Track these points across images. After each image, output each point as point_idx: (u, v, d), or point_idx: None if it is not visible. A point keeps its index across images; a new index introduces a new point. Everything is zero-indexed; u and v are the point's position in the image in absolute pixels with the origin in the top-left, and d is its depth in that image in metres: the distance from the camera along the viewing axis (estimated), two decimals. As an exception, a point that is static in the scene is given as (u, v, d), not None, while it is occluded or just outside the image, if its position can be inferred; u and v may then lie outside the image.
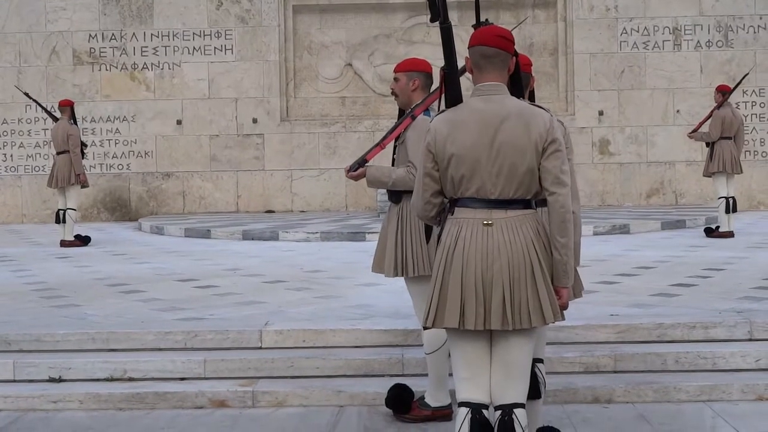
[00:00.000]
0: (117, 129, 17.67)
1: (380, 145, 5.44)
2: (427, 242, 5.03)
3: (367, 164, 5.43)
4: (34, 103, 14.53)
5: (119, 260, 11.25)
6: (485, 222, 3.82)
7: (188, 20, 17.74)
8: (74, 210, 13.05)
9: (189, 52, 17.73)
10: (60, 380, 6.29)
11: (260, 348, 6.54)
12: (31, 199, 17.56)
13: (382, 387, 5.94)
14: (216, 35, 17.79)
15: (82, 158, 13.06)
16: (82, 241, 12.98)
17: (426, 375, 5.64)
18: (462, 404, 3.88)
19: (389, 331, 6.55)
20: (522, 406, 3.86)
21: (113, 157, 17.64)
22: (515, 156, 3.79)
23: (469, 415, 3.84)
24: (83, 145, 13.15)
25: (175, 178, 17.57)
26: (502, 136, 3.79)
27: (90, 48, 17.72)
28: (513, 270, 3.77)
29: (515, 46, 3.96)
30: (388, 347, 6.41)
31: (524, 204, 3.85)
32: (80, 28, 17.71)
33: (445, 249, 3.86)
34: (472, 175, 3.82)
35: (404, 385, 5.59)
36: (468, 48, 3.97)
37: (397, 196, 5.42)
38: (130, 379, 6.29)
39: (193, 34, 17.78)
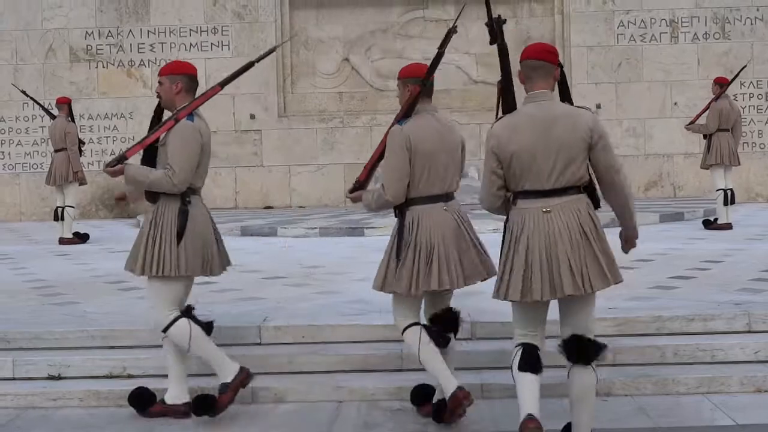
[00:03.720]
0: (115, 126, 17.67)
1: (141, 143, 5.56)
2: (178, 244, 5.37)
3: (126, 162, 5.49)
4: (32, 101, 14.51)
5: (118, 257, 11.17)
6: (544, 209, 4.53)
7: (184, 16, 17.73)
8: (72, 207, 13.04)
9: (186, 49, 17.73)
10: (59, 378, 6.30)
11: (259, 344, 6.56)
12: (29, 196, 17.55)
13: (381, 382, 5.97)
14: (212, 31, 17.78)
15: (80, 155, 13.05)
16: (81, 238, 12.97)
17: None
18: (518, 345, 4.71)
19: (388, 326, 6.53)
20: None
21: (111, 154, 17.60)
22: (565, 151, 4.51)
23: (521, 348, 4.68)
24: (81, 142, 13.13)
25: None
26: (554, 135, 4.50)
27: (87, 45, 17.71)
28: (574, 246, 4.50)
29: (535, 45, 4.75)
30: (387, 342, 6.41)
31: (574, 190, 4.56)
32: (77, 25, 17.69)
33: (511, 235, 4.58)
34: (531, 170, 4.52)
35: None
36: (519, 62, 4.67)
37: (153, 196, 5.50)
38: (130, 376, 6.30)
39: (190, 30, 17.78)
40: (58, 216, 12.95)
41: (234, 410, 5.78)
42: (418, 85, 5.17)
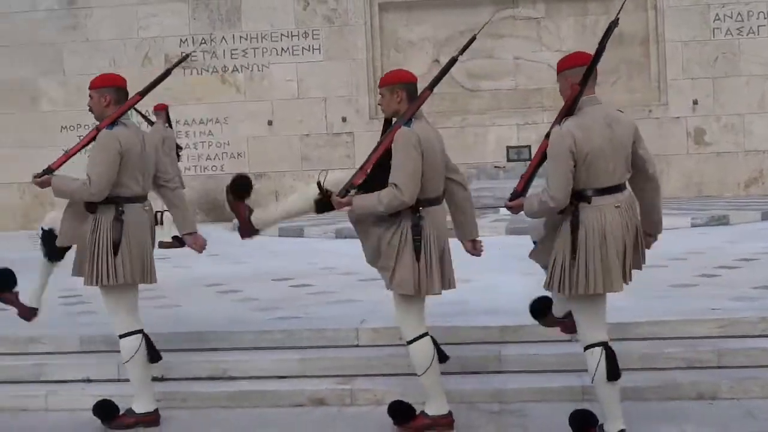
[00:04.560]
0: (210, 131, 17.96)
1: (66, 154, 5.75)
2: (115, 255, 5.50)
3: (53, 173, 5.70)
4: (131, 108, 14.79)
5: (216, 260, 11.41)
6: (616, 205, 4.82)
7: (276, 21, 17.92)
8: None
9: (277, 53, 17.92)
10: (162, 379, 6.40)
11: (357, 346, 6.58)
12: (128, 202, 17.93)
13: (479, 384, 5.92)
14: (303, 35, 17.94)
15: (178, 161, 13.29)
16: (180, 242, 13.19)
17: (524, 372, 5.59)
18: (598, 344, 4.90)
19: (486, 327, 6.51)
20: None
21: (207, 158, 17.94)
22: (623, 149, 4.85)
23: (605, 351, 4.88)
24: (178, 147, 13.38)
25: (267, 178, 17.76)
26: (615, 135, 4.82)
27: (181, 52, 18.01)
28: (634, 239, 4.90)
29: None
30: (485, 344, 6.37)
31: (625, 186, 4.91)
32: (171, 33, 18.03)
33: (587, 231, 4.78)
34: (603, 168, 4.78)
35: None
36: (567, 69, 4.96)
37: (91, 206, 5.60)
38: (231, 378, 6.38)
39: (281, 35, 17.96)
40: (157, 220, 13.18)
41: (333, 412, 5.82)
42: (404, 90, 5.26)
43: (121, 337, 5.73)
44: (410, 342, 5.35)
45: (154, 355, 5.78)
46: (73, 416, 6.08)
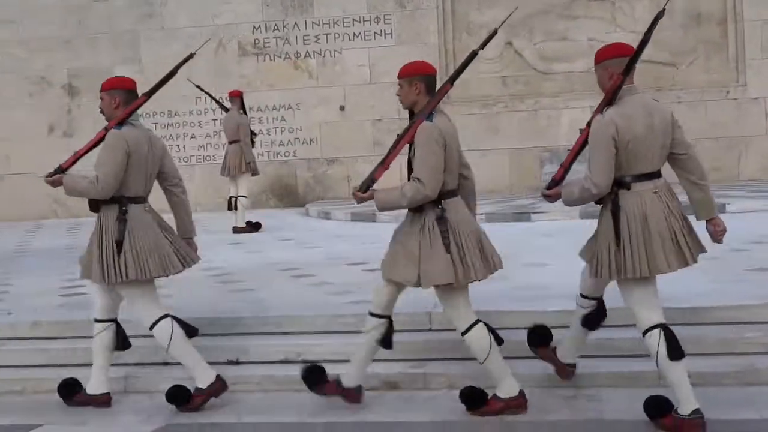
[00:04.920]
0: (282, 117, 18.09)
1: (76, 154, 5.90)
2: (118, 253, 5.65)
3: (65, 173, 5.84)
4: (205, 95, 15.02)
5: (289, 245, 11.52)
6: (654, 191, 4.95)
7: (348, 7, 17.95)
8: (245, 197, 13.44)
9: (349, 39, 17.95)
10: (238, 362, 6.49)
11: (430, 330, 6.58)
12: (203, 187, 18.16)
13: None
14: (375, 20, 17.93)
15: (252, 147, 13.44)
16: (253, 227, 13.35)
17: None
18: (655, 327, 4.96)
19: (563, 311, 6.41)
20: None
21: (280, 144, 18.08)
22: (663, 137, 4.99)
23: (663, 331, 4.94)
24: (253, 134, 13.53)
25: (340, 164, 17.85)
26: (654, 123, 4.94)
27: (254, 39, 18.17)
28: (678, 222, 4.98)
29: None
30: (562, 328, 6.28)
31: (660, 173, 5.02)
32: (244, 20, 18.17)
33: (629, 216, 4.91)
34: (644, 155, 4.91)
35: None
36: (607, 60, 5.02)
37: (94, 205, 5.77)
38: (304, 362, 6.41)
39: (353, 20, 17.98)
40: (231, 206, 13.35)
41: (406, 396, 5.84)
42: (423, 82, 5.34)
43: (150, 328, 5.88)
44: (464, 333, 5.41)
45: (190, 330, 5.93)
46: (150, 398, 6.19)
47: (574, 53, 17.65)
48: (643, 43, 4.95)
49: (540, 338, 5.71)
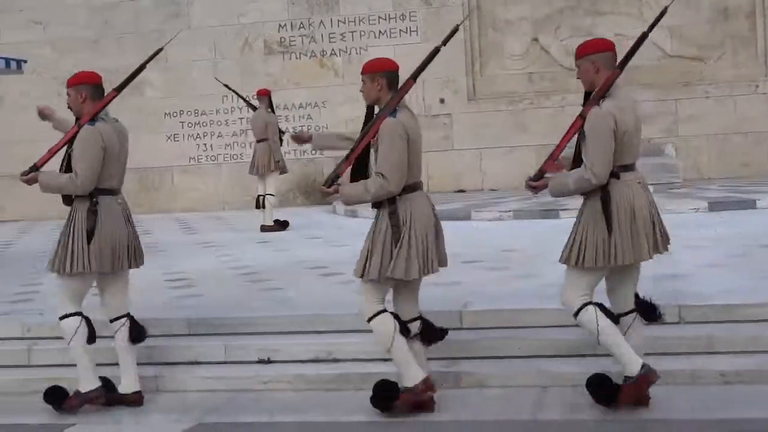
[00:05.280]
0: (309, 115, 18.11)
1: (50, 151, 5.99)
2: (88, 243, 5.70)
3: (39, 170, 5.91)
4: (232, 94, 15.05)
5: (317, 244, 11.53)
6: (638, 181, 5.16)
7: (373, 4, 17.95)
8: (273, 195, 13.45)
9: (375, 36, 17.95)
10: (269, 362, 6.49)
11: (461, 329, 6.55)
12: (230, 186, 18.23)
13: (587, 367, 5.83)
14: (401, 18, 17.92)
15: (281, 145, 13.46)
16: (281, 225, 13.36)
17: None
18: (593, 303, 5.20)
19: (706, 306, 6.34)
20: None
21: (306, 142, 18.08)
22: (640, 130, 5.20)
23: (597, 306, 5.19)
24: (281, 132, 13.54)
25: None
26: (638, 115, 5.19)
27: (280, 38, 18.21)
28: (655, 212, 5.21)
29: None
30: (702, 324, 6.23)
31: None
32: (270, 18, 18.22)
33: (619, 205, 5.06)
34: (630, 146, 5.09)
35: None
36: (594, 54, 5.20)
37: (67, 199, 5.87)
38: (335, 360, 6.43)
39: (379, 17, 17.99)
40: (259, 204, 13.38)
41: (437, 394, 5.81)
42: (384, 78, 5.40)
43: (60, 318, 5.94)
44: (370, 319, 5.46)
45: (91, 336, 5.95)
46: (181, 397, 6.21)
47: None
48: (643, 37, 5.20)
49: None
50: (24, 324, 7.26)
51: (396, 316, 5.49)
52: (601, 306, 5.22)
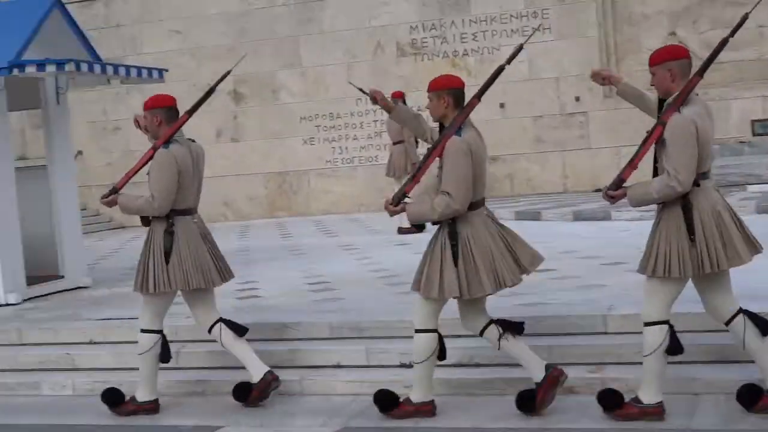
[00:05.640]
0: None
1: (127, 174, 6.21)
2: (166, 263, 5.99)
3: (119, 192, 6.20)
4: (366, 97, 15.13)
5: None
6: (716, 188, 5.14)
7: (505, 3, 17.81)
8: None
9: (507, 35, 17.81)
10: (411, 366, 6.48)
11: (605, 333, 6.42)
12: (365, 188, 18.36)
13: (738, 374, 5.64)
14: (533, 15, 17.74)
15: (416, 147, 13.48)
16: (418, 228, 13.36)
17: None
18: (665, 322, 5.23)
19: (693, 313, 6.11)
20: None
21: (439, 143, 18.07)
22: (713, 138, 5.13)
23: (671, 331, 5.22)
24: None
25: (502, 162, 17.72)
26: (712, 123, 5.12)
27: (412, 39, 18.25)
28: (736, 215, 5.15)
29: None
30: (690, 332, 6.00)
31: None
32: (402, 21, 18.28)
33: (704, 213, 5.00)
34: (707, 153, 5.04)
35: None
36: (672, 60, 5.14)
37: (145, 219, 6.14)
38: (478, 365, 6.38)
39: (510, 16, 17.84)
40: (396, 206, 13.38)
41: (584, 401, 5.71)
42: (451, 96, 5.48)
43: (141, 331, 6.23)
44: (418, 331, 5.60)
45: (165, 355, 6.25)
46: (326, 400, 6.27)
47: (742, 41, 16.93)
48: (724, 43, 5.16)
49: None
50: (172, 327, 7.44)
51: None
52: (672, 330, 5.25)
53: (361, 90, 13.55)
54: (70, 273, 9.98)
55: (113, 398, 6.35)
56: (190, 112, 6.26)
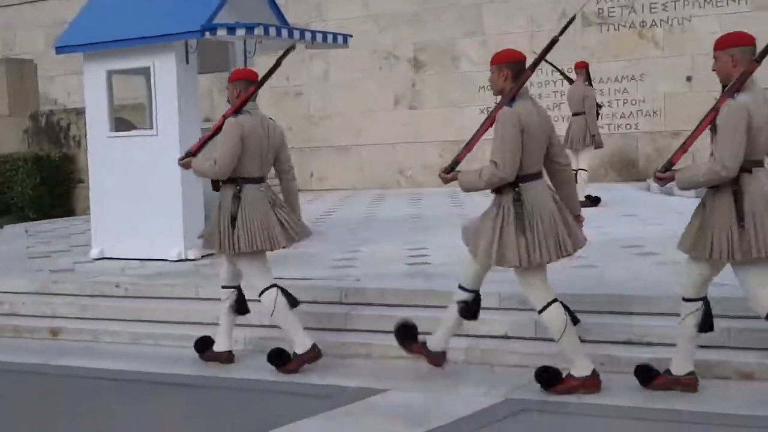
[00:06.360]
0: (624, 89, 17.59)
1: (200, 140, 6.64)
2: (232, 227, 6.37)
3: (192, 156, 6.59)
4: (547, 67, 14.89)
5: (630, 221, 11.20)
6: (766, 175, 5.17)
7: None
8: (585, 171, 13.21)
9: (699, 6, 17.09)
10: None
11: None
12: (542, 160, 18.08)
13: None
14: (728, -16, 16.96)
15: (597, 119, 13.18)
16: (593, 201, 13.10)
17: None
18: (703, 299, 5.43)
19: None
20: None
21: (621, 117, 17.62)
22: None
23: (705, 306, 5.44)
24: (598, 106, 13.26)
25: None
26: None
27: (598, 9, 17.78)
28: None
29: None
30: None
31: None
32: (591, -11, 17.83)
33: (757, 197, 5.07)
34: (761, 142, 5.09)
35: None
36: (733, 47, 5.17)
37: (215, 184, 6.54)
38: (649, 344, 6.21)
39: (704, -15, 17.13)
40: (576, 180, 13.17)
41: (763, 387, 5.47)
42: (510, 69, 5.57)
43: (259, 295, 6.53)
44: (540, 311, 5.63)
45: (292, 300, 6.54)
46: (490, 370, 6.23)
47: None
48: None
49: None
50: (343, 290, 7.57)
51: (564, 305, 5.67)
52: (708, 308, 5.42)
53: (544, 59, 13.21)
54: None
55: (280, 357, 6.53)
56: (258, 86, 6.57)
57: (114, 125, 10.24)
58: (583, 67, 13.28)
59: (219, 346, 6.88)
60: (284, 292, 6.53)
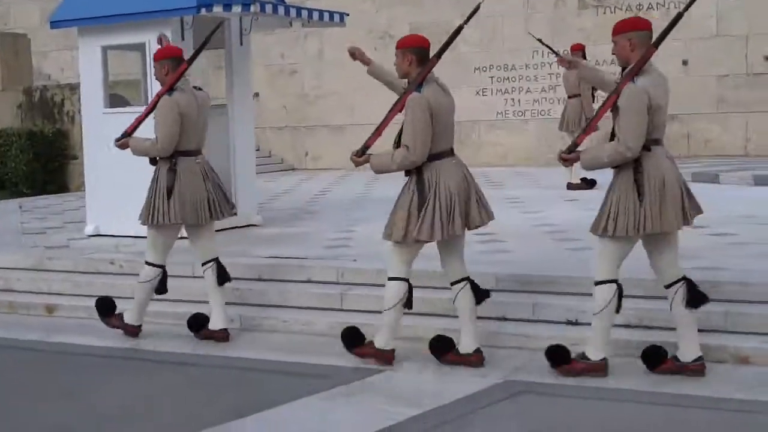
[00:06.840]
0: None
1: (137, 119, 6.82)
2: (168, 198, 6.59)
3: (131, 136, 6.80)
4: (543, 49, 14.85)
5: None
6: (667, 155, 5.42)
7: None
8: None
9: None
10: (576, 323, 6.38)
11: (784, 302, 6.12)
12: (536, 142, 18.09)
13: None
14: (725, -32, 16.93)
15: (593, 102, 13.14)
16: (588, 184, 13.08)
17: None
18: (614, 281, 5.52)
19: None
20: None
21: (616, 99, 17.57)
22: (667, 106, 5.41)
23: (618, 288, 5.54)
24: (593, 88, 13.20)
25: (679, 121, 17.07)
26: (667, 93, 5.40)
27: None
28: (683, 185, 5.46)
29: None
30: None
31: None
32: (591, -30, 17.77)
33: (654, 177, 5.29)
34: (660, 121, 5.36)
35: None
36: (633, 31, 5.40)
37: (153, 159, 6.72)
38: (647, 327, 6.21)
39: (701, -31, 17.05)
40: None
41: (760, 371, 5.47)
42: (414, 54, 5.77)
43: (146, 263, 6.81)
44: (390, 279, 5.92)
45: (162, 288, 6.86)
46: (488, 352, 6.22)
47: None
48: (677, 18, 5.36)
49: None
50: (339, 269, 7.55)
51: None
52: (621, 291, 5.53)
53: (540, 41, 13.12)
54: (243, 210, 10.23)
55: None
56: (189, 62, 6.72)
57: (109, 101, 10.17)
58: (579, 50, 13.23)
59: (214, 324, 6.88)
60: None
